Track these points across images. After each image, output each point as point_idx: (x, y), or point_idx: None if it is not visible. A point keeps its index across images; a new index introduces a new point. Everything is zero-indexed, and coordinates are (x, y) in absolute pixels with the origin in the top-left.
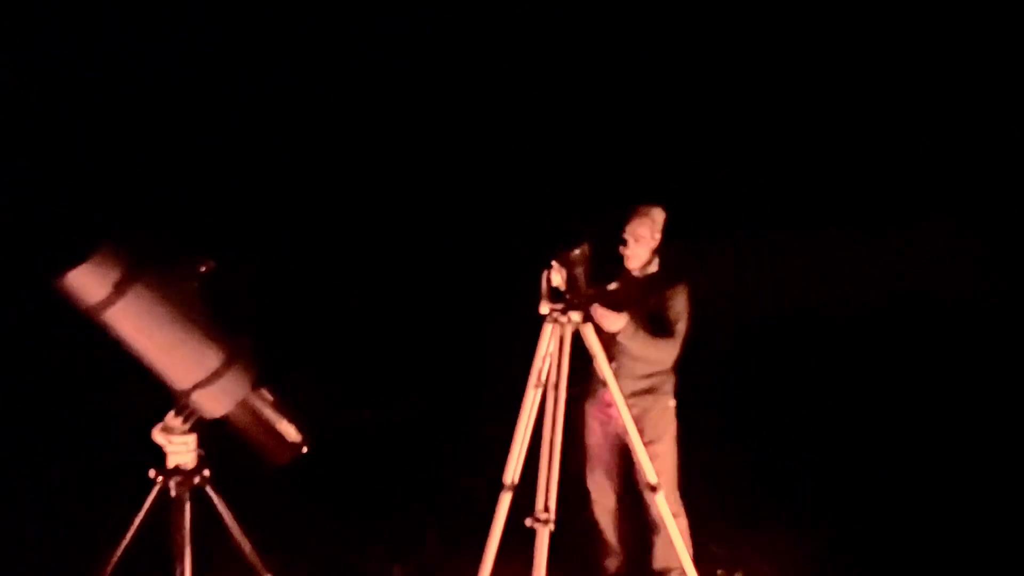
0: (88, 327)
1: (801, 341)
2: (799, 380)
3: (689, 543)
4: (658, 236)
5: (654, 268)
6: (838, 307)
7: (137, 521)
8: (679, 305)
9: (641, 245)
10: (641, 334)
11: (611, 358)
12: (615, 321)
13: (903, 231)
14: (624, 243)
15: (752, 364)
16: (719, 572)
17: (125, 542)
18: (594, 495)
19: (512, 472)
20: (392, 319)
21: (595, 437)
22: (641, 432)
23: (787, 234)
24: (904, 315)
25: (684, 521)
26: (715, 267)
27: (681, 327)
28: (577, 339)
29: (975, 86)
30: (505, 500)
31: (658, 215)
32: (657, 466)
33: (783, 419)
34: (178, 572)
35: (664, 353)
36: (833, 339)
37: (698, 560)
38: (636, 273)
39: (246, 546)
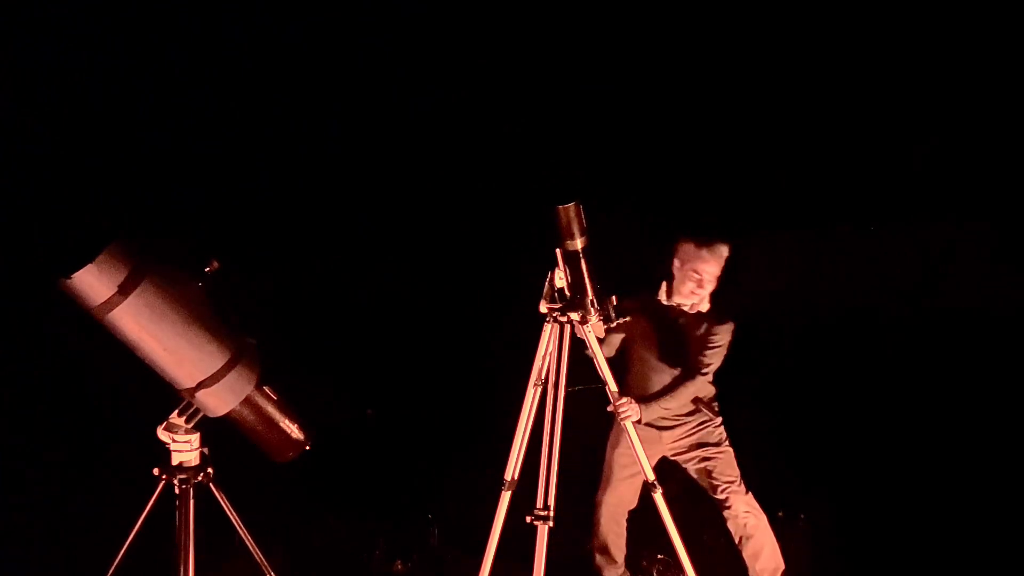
0: (93, 325)
1: (803, 341)
2: (802, 380)
3: (774, 540)
4: (713, 280)
5: (705, 306)
6: (842, 307)
7: (141, 518)
8: (720, 341)
9: (709, 286)
10: (668, 400)
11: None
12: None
13: (908, 232)
14: (670, 277)
15: (755, 364)
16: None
17: (130, 539)
18: (611, 510)
19: (512, 470)
20: (393, 318)
21: (628, 457)
22: (707, 442)
23: (792, 234)
24: (912, 315)
25: (764, 517)
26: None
27: (712, 365)
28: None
29: (977, 86)
30: (505, 498)
31: (725, 251)
32: (726, 464)
33: (784, 419)
34: (182, 569)
35: (689, 394)
36: (837, 339)
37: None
38: (687, 309)
39: (249, 543)
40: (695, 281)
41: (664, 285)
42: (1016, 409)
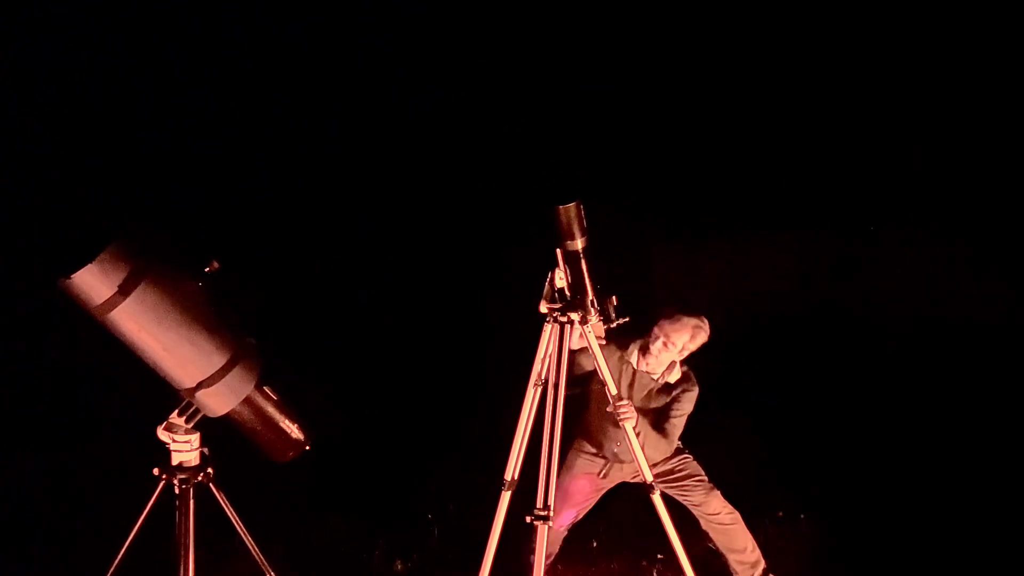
0: (93, 326)
1: (802, 341)
2: (802, 380)
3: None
4: (687, 353)
5: (674, 376)
6: (842, 307)
7: (141, 518)
8: (683, 410)
9: (667, 353)
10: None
11: (604, 423)
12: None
13: (907, 232)
14: (643, 343)
15: (753, 364)
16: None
17: (130, 539)
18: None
19: (512, 470)
20: (393, 318)
21: (581, 485)
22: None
23: (792, 234)
24: (911, 316)
25: (737, 513)
26: (716, 267)
27: (676, 432)
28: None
29: (977, 87)
30: (505, 497)
31: (701, 332)
32: (691, 471)
33: (784, 419)
34: (182, 569)
35: (655, 452)
36: (836, 339)
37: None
38: (655, 378)
39: (249, 543)
40: (660, 343)
41: (637, 351)
42: (1014, 409)
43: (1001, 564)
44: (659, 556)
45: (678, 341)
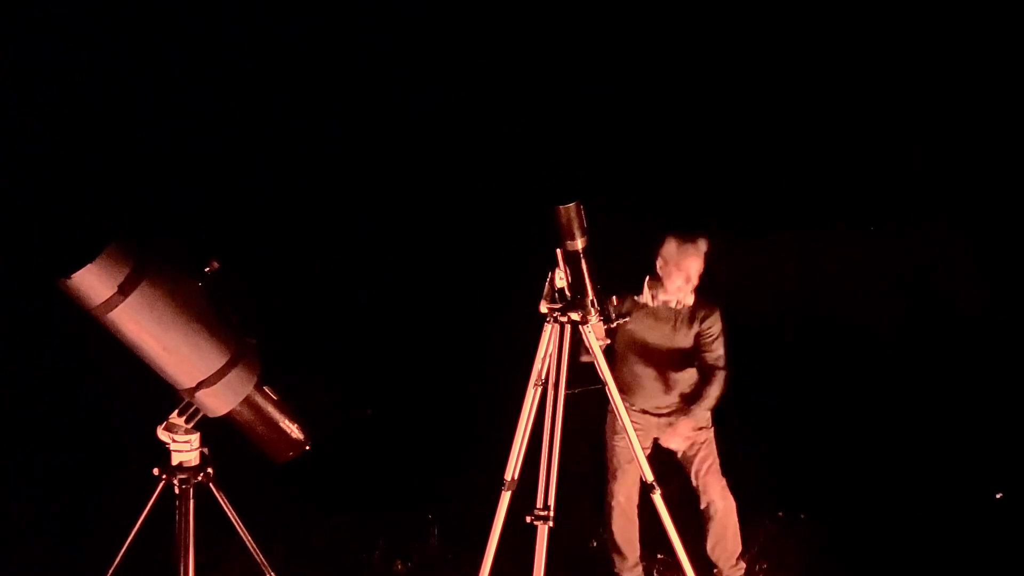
0: (92, 325)
1: (802, 341)
2: (799, 381)
3: (737, 526)
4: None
5: (690, 300)
6: (842, 307)
7: (141, 518)
8: (716, 330)
9: (695, 281)
10: (705, 402)
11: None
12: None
13: (907, 232)
14: (653, 275)
15: (755, 364)
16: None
17: (129, 539)
18: (620, 503)
19: (512, 470)
20: (392, 318)
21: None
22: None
23: (792, 234)
24: (911, 315)
25: (733, 503)
26: (715, 266)
27: (722, 354)
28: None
29: (975, 87)
30: (505, 498)
31: (705, 245)
32: (706, 451)
33: (785, 419)
34: (182, 569)
35: (723, 387)
36: (836, 339)
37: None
38: (673, 306)
39: (249, 543)
40: (683, 278)
41: (647, 288)
42: (1014, 407)
43: (1001, 563)
44: (659, 556)
45: (698, 269)
